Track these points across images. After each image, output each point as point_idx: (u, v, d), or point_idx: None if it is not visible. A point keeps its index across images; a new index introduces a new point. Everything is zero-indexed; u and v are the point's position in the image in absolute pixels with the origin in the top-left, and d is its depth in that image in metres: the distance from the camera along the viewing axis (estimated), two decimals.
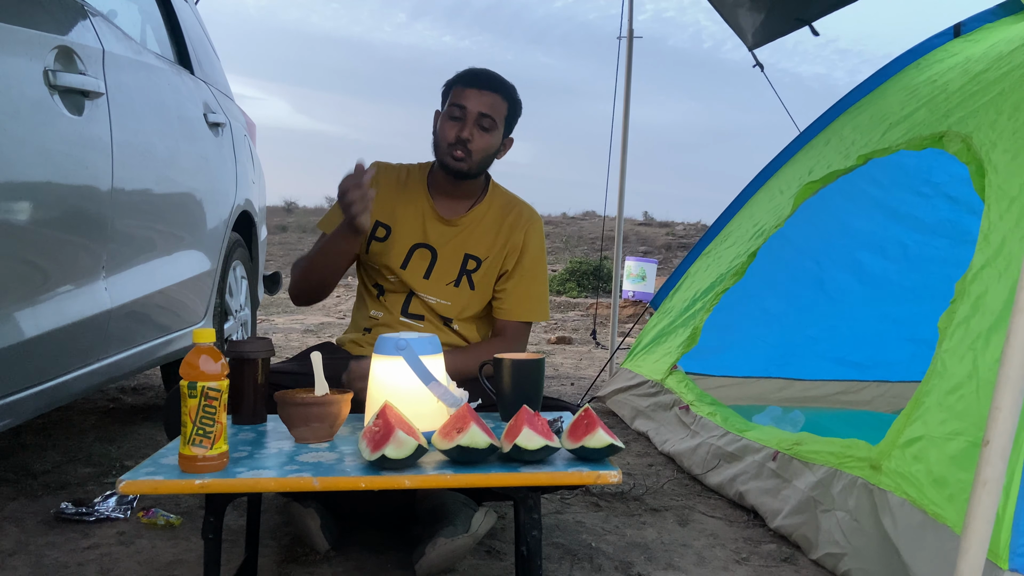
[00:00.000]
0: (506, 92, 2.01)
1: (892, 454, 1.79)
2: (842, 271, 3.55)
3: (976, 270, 1.84)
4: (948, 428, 1.69)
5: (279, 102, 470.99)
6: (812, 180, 2.86)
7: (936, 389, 1.78)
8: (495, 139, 2.00)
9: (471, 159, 1.97)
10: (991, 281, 1.78)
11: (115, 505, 2.05)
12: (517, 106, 2.05)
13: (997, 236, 1.85)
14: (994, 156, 1.98)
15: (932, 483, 1.65)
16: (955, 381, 1.73)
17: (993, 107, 2.12)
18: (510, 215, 2.07)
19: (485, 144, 1.98)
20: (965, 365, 1.72)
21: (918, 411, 1.79)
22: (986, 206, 1.92)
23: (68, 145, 1.93)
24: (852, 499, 1.85)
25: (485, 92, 1.97)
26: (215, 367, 1.28)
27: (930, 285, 3.39)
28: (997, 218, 1.87)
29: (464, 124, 1.95)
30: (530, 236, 2.07)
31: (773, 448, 2.24)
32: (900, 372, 3.57)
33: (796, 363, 3.59)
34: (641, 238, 17.04)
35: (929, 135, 2.31)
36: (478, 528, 1.70)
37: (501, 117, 1.99)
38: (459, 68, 2.05)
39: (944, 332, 1.84)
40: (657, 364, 3.25)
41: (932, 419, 1.75)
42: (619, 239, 4.62)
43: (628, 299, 8.27)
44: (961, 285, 1.86)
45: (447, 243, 2.04)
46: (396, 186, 2.09)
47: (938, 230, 3.49)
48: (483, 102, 1.96)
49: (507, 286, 2.05)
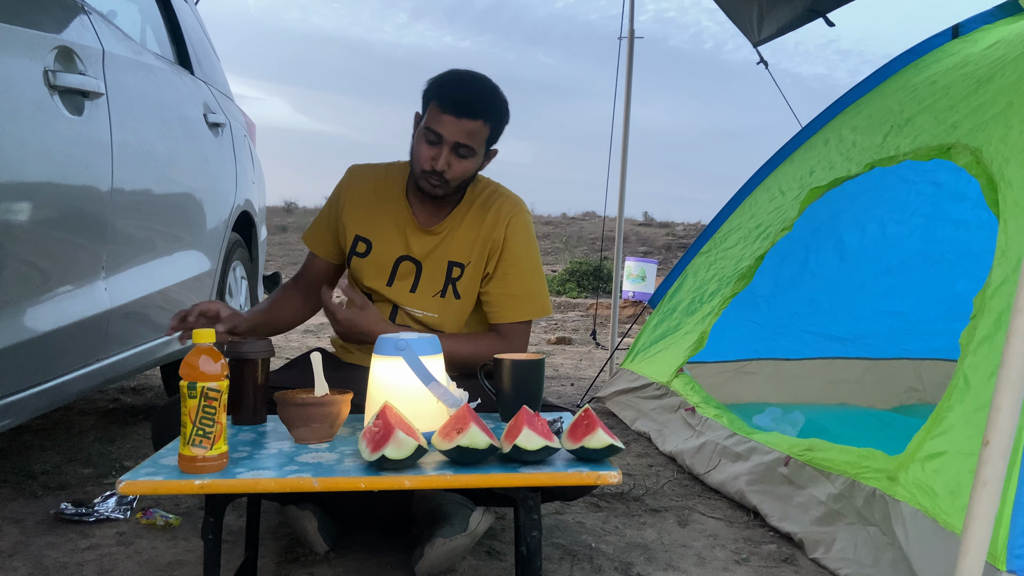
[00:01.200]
0: (488, 115, 1.84)
1: (910, 467, 1.78)
2: (826, 252, 3.63)
3: (996, 285, 1.82)
4: (974, 444, 1.67)
5: (279, 102, 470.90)
6: (817, 185, 2.86)
7: (960, 405, 1.76)
8: (474, 163, 1.87)
9: (448, 186, 1.86)
10: (1012, 297, 1.77)
11: (115, 505, 2.05)
12: (502, 122, 1.90)
13: (1015, 251, 1.83)
14: (1008, 172, 1.96)
15: (948, 493, 1.64)
16: (984, 399, 1.70)
17: (1003, 120, 2.10)
18: (490, 212, 1.95)
19: (462, 171, 1.86)
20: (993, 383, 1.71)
21: (940, 426, 1.78)
22: (1001, 221, 1.90)
23: (68, 145, 1.93)
24: (870, 510, 1.85)
25: (464, 119, 1.80)
26: (215, 367, 1.28)
27: (904, 259, 3.60)
28: (1016, 233, 1.85)
29: (439, 153, 1.82)
30: (512, 230, 1.94)
31: (784, 452, 2.22)
32: (881, 348, 3.68)
33: (783, 341, 3.64)
34: (641, 238, 17.04)
35: (936, 146, 2.29)
36: (476, 527, 1.69)
37: (481, 142, 1.85)
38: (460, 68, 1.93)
39: (966, 348, 1.81)
40: (662, 367, 3.24)
41: (958, 435, 1.73)
42: (619, 239, 4.62)
43: (628, 299, 8.27)
44: (980, 300, 1.84)
45: (430, 253, 1.94)
46: (373, 195, 1.98)
47: (917, 210, 3.57)
48: (461, 131, 1.81)
49: (492, 288, 1.95)
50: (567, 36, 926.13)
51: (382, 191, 1.98)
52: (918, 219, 3.58)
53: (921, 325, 3.65)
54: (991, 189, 1.99)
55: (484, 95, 1.86)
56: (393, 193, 1.98)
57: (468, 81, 1.87)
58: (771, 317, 3.61)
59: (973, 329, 1.83)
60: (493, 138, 1.90)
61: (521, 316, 1.96)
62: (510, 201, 1.98)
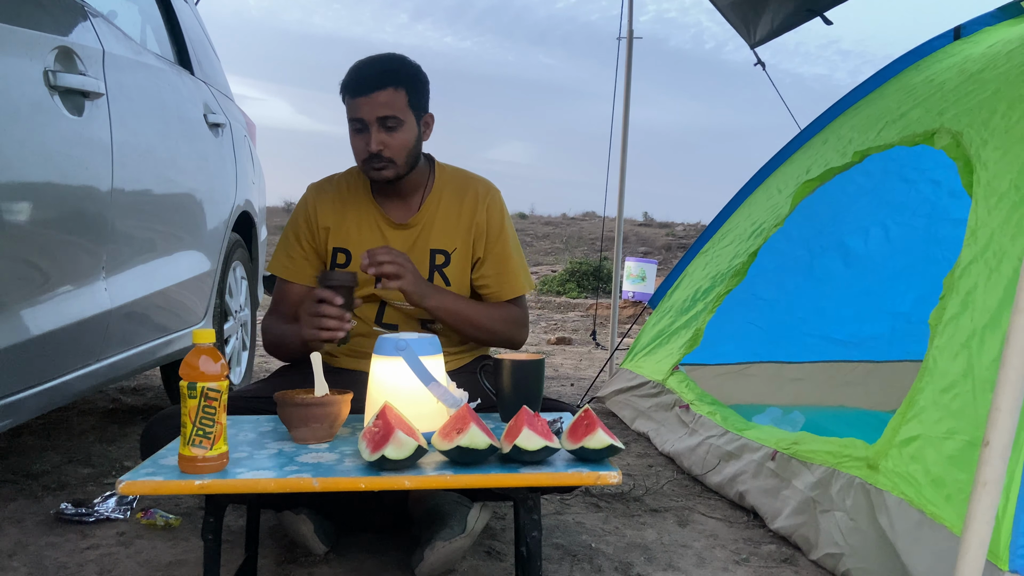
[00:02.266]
0: (397, 78, 1.82)
1: (889, 453, 1.79)
2: (830, 255, 3.63)
3: (964, 265, 1.85)
4: (944, 427, 1.69)
5: (281, 103, 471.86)
6: (810, 179, 2.87)
7: (929, 387, 1.78)
8: (409, 131, 1.85)
9: (395, 164, 1.85)
10: (980, 277, 1.79)
11: (115, 506, 2.05)
12: (416, 81, 1.86)
13: (985, 232, 1.85)
14: (984, 153, 1.98)
15: (930, 483, 1.65)
16: (949, 380, 1.73)
17: (987, 106, 2.12)
18: (466, 197, 1.96)
19: (400, 142, 1.84)
20: (959, 364, 1.73)
21: (912, 409, 1.79)
22: (973, 202, 1.93)
23: (68, 146, 1.93)
24: (850, 499, 1.85)
25: (374, 93, 1.80)
26: (215, 367, 1.28)
27: (907, 262, 3.61)
28: (985, 213, 1.87)
29: (369, 136, 1.81)
30: (491, 212, 1.97)
31: (772, 447, 2.24)
32: (883, 350, 3.68)
33: (785, 344, 3.64)
34: (641, 239, 17.04)
35: (922, 132, 2.32)
36: (474, 526, 1.69)
37: (403, 107, 1.82)
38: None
39: (935, 329, 1.84)
40: (659, 365, 3.25)
41: (928, 418, 1.75)
42: (619, 240, 4.62)
43: (628, 300, 8.26)
44: (949, 280, 1.86)
45: (410, 247, 1.93)
46: (340, 205, 1.97)
47: (918, 211, 3.58)
48: (376, 104, 1.80)
49: (486, 271, 1.97)
50: (568, 37, 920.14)
51: (347, 199, 1.98)
52: (919, 220, 3.58)
53: (924, 326, 3.65)
54: (967, 172, 2.01)
55: (383, 66, 1.85)
56: (359, 198, 1.97)
57: (365, 62, 1.87)
58: (773, 320, 3.62)
59: (942, 309, 1.84)
60: (417, 102, 1.87)
61: (518, 291, 2.02)
62: (483, 184, 2.01)
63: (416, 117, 1.87)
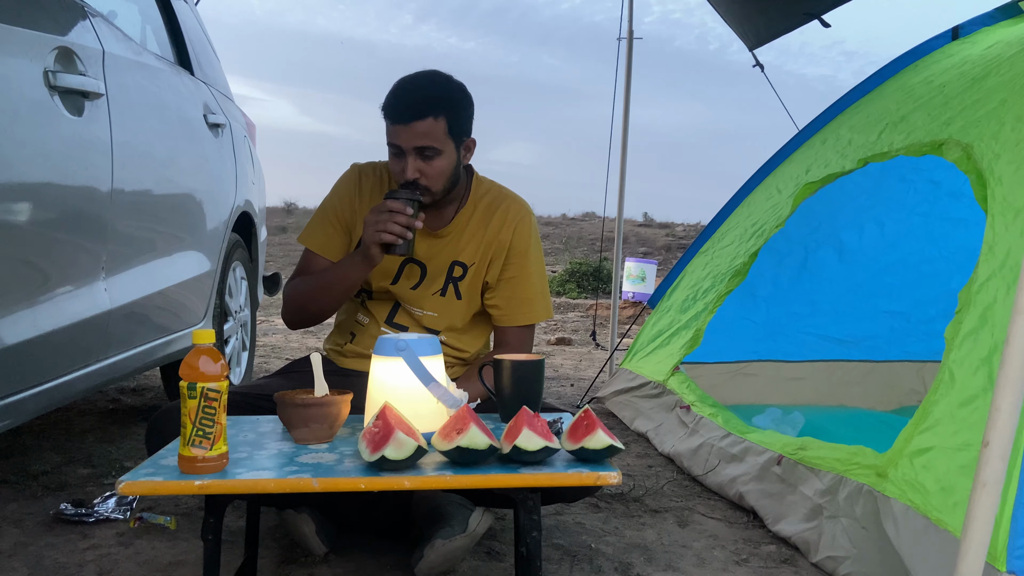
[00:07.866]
0: (437, 107, 1.77)
1: (899, 463, 1.78)
2: (825, 252, 3.64)
3: (982, 280, 1.83)
4: (960, 439, 1.67)
5: (283, 104, 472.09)
6: (811, 181, 2.86)
7: (945, 400, 1.77)
8: (447, 159, 1.82)
9: (432, 190, 1.83)
10: (999, 292, 1.77)
11: (114, 506, 2.05)
12: (458, 110, 1.82)
13: (1003, 247, 1.83)
14: (997, 167, 1.97)
15: (939, 491, 1.64)
16: (968, 393, 1.71)
17: (995, 118, 2.10)
18: (496, 214, 1.95)
19: (438, 170, 1.81)
20: (979, 378, 1.71)
21: (927, 421, 1.78)
22: (989, 217, 1.91)
23: (68, 146, 1.93)
24: (857, 506, 1.85)
25: (412, 124, 1.76)
26: (215, 368, 1.28)
27: (900, 256, 3.62)
28: (1003, 229, 1.85)
29: (406, 164, 1.79)
30: (519, 233, 1.94)
31: (777, 452, 2.23)
32: (882, 350, 3.68)
33: (782, 341, 3.64)
34: (641, 239, 17.04)
35: (929, 142, 2.30)
36: (476, 528, 1.69)
37: (442, 136, 1.79)
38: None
39: (951, 342, 1.82)
40: (659, 365, 3.25)
41: (944, 430, 1.73)
42: (619, 240, 4.62)
43: (628, 300, 8.27)
44: (966, 295, 1.85)
45: (436, 256, 1.94)
46: (378, 197, 1.95)
47: (915, 209, 3.58)
48: (413, 135, 1.77)
49: (500, 291, 1.95)
50: (572, 38, 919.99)
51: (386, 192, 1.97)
52: (916, 218, 3.59)
53: (922, 326, 3.66)
54: (980, 185, 2.00)
55: (424, 93, 1.80)
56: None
57: (407, 85, 1.83)
58: (771, 318, 3.62)
59: (958, 323, 1.83)
60: (458, 128, 1.83)
61: (528, 320, 1.98)
62: (516, 203, 1.98)
63: (456, 144, 1.84)
